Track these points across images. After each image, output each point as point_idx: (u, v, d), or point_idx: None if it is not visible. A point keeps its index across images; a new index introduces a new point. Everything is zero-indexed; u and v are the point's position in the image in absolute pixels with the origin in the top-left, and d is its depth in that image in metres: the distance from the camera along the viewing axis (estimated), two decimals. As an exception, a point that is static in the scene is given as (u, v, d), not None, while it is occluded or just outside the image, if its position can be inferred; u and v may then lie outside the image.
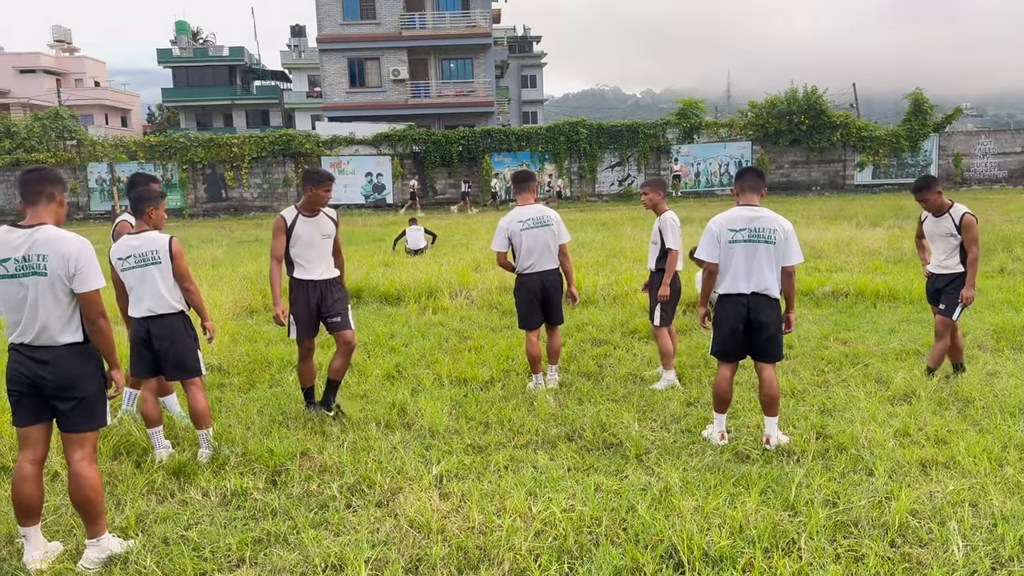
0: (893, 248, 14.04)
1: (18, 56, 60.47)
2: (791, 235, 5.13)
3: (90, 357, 3.80)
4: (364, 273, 12.59)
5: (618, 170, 36.67)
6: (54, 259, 3.63)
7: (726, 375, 5.28)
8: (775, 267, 5.10)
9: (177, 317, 5.18)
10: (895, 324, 8.78)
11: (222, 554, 3.87)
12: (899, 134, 35.38)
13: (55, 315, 3.68)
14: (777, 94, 36.15)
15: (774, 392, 5.14)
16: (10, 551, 4.00)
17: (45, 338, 3.69)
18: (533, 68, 67.57)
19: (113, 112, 63.70)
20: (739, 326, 5.14)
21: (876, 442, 5.07)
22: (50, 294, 3.66)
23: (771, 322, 5.11)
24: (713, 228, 5.23)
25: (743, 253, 5.10)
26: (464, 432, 5.58)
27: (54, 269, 3.63)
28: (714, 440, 5.25)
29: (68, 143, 36.65)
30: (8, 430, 5.39)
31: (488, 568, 3.65)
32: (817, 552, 3.69)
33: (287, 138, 36.21)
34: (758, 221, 5.10)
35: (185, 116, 59.36)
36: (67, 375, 3.71)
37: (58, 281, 3.65)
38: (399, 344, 8.50)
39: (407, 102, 41.62)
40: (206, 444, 5.20)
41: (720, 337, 5.27)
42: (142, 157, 36.07)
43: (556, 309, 6.73)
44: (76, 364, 3.74)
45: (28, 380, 3.71)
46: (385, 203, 36.47)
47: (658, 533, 3.85)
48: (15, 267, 3.63)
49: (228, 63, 59.30)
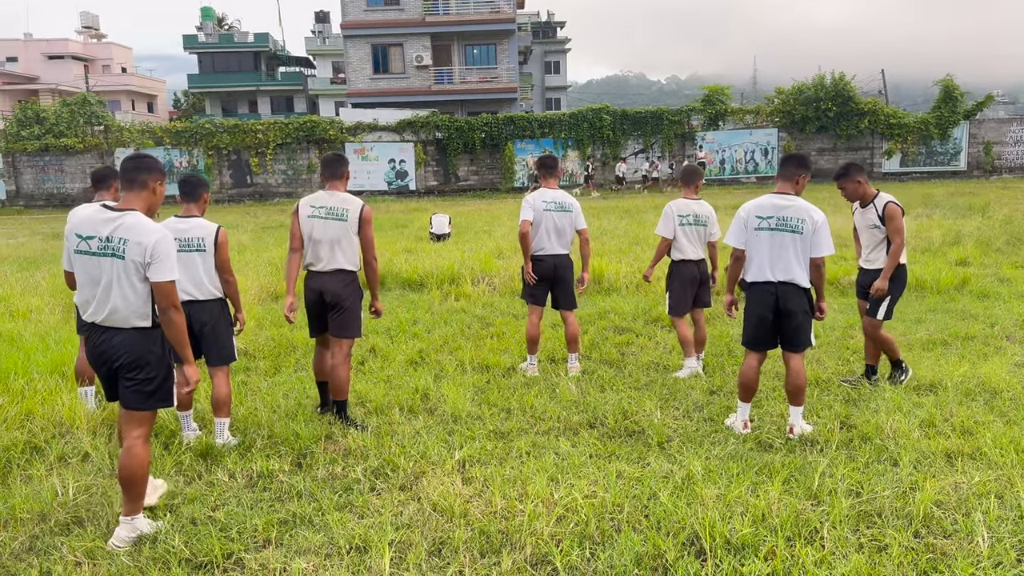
0: (921, 237, 13.86)
1: (47, 42, 61.13)
2: (821, 226, 5.02)
3: (156, 341, 3.91)
4: (387, 259, 12.65)
5: (641, 157, 36.45)
6: (133, 246, 3.75)
7: (753, 364, 5.26)
8: (802, 257, 5.04)
9: (216, 303, 5.20)
10: (922, 314, 8.69)
11: (248, 535, 3.93)
12: (928, 121, 34.81)
13: (126, 300, 3.80)
14: (804, 80, 35.69)
15: (800, 382, 5.11)
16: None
17: (115, 320, 3.83)
18: (557, 54, 67.21)
19: (140, 98, 64.28)
20: (767, 315, 5.11)
21: (901, 432, 5.03)
22: (124, 278, 3.78)
23: (799, 311, 5.06)
24: (741, 214, 5.21)
25: (769, 241, 5.06)
26: (486, 418, 5.61)
27: (131, 255, 3.75)
28: (737, 429, 5.24)
29: (96, 129, 37.07)
30: (38, 411, 5.50)
31: (510, 552, 3.68)
32: (840, 541, 3.69)
33: (311, 124, 36.36)
34: (787, 210, 5.04)
35: (210, 102, 59.76)
36: (132, 356, 3.85)
37: (133, 268, 3.77)
38: (422, 330, 8.54)
39: (430, 88, 41.58)
40: (222, 434, 5.22)
41: (749, 326, 5.24)
42: (168, 143, 36.41)
43: (566, 293, 6.75)
44: (142, 346, 3.86)
45: (103, 358, 3.88)
46: (408, 189, 36.56)
47: (680, 520, 3.86)
48: (98, 246, 3.78)
49: (253, 49, 59.55)
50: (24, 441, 5.12)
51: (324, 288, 5.49)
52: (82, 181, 37.14)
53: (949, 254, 12.19)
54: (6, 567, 3.72)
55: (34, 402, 5.58)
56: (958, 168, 35.03)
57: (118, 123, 37.90)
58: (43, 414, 5.45)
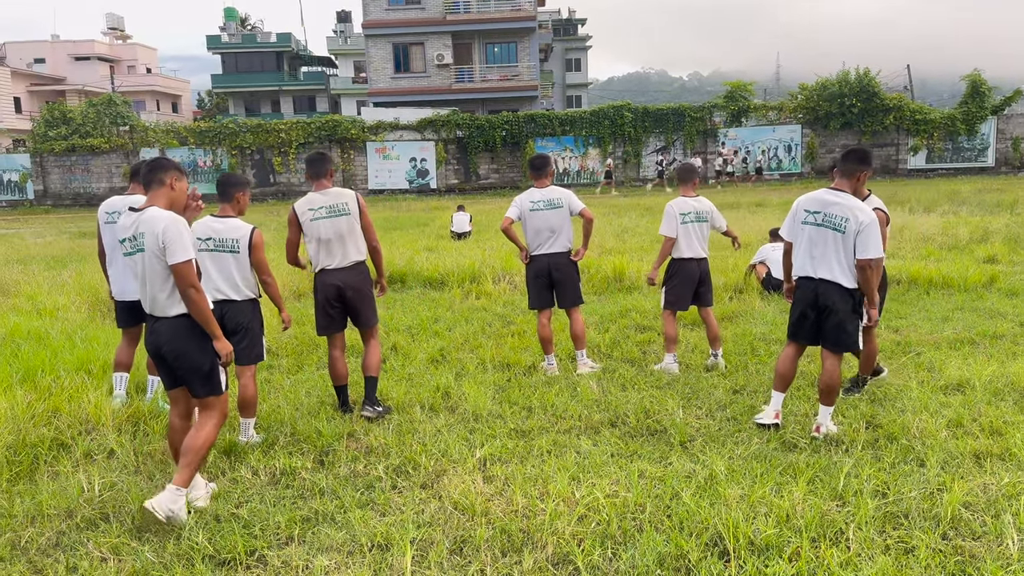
0: (948, 234, 13.67)
1: (74, 44, 61.92)
2: (867, 227, 4.80)
3: (195, 328, 4.09)
4: (408, 258, 12.68)
5: (663, 154, 36.26)
6: (149, 235, 3.99)
7: (789, 353, 5.26)
8: (842, 257, 4.90)
9: (249, 304, 5.19)
10: (949, 312, 8.57)
11: (271, 531, 3.95)
12: (955, 117, 34.32)
13: (159, 287, 4.04)
14: (828, 76, 35.32)
15: (833, 382, 5.02)
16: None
17: (157, 310, 4.09)
18: (577, 51, 67.02)
19: (164, 98, 64.96)
20: (808, 311, 5.06)
21: (928, 432, 4.96)
22: (152, 268, 4.02)
23: (839, 309, 4.94)
24: (794, 207, 5.18)
25: (810, 237, 5.00)
26: (507, 416, 5.61)
27: (150, 245, 3.99)
28: (766, 419, 5.18)
29: (121, 129, 37.54)
30: (65, 408, 5.56)
31: (532, 551, 3.67)
32: (866, 543, 3.64)
33: (333, 123, 36.56)
34: (834, 207, 4.92)
35: (234, 102, 60.26)
36: (176, 346, 4.08)
37: (154, 256, 3.99)
38: (443, 328, 8.55)
39: (451, 87, 41.65)
40: (246, 432, 5.24)
41: (792, 317, 5.24)
42: (192, 143, 36.77)
43: (567, 291, 6.72)
44: (183, 336, 4.07)
45: (155, 348, 4.13)
46: (429, 188, 36.64)
47: (703, 521, 3.83)
48: (130, 246, 4.09)
49: (276, 49, 59.98)
50: (51, 438, 5.18)
51: (345, 283, 5.60)
52: (108, 181, 37.61)
53: (977, 251, 12.01)
54: (34, 562, 3.77)
55: (61, 399, 5.65)
56: (986, 164, 34.52)
57: (143, 123, 38.36)
58: (69, 411, 5.52)
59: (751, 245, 13.39)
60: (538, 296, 6.77)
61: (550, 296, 6.78)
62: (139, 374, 6.43)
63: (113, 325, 8.45)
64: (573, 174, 36.46)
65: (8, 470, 4.73)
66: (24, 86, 55.84)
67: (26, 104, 55.20)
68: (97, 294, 9.97)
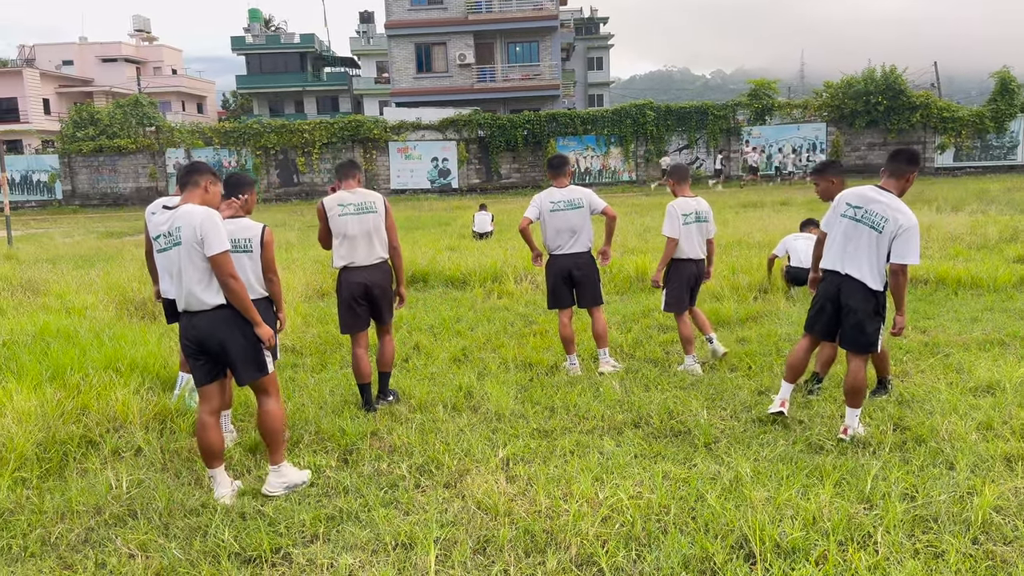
0: (976, 234, 13.46)
1: (101, 46, 62.73)
2: (907, 231, 4.70)
3: (236, 316, 4.25)
4: (430, 257, 12.71)
5: (686, 153, 36.07)
6: (186, 229, 4.14)
7: (804, 345, 5.26)
8: (874, 257, 4.82)
9: (263, 302, 5.20)
10: (978, 312, 8.44)
11: (296, 529, 3.98)
12: (983, 115, 33.80)
13: (194, 279, 4.17)
14: (854, 74, 34.94)
15: (857, 383, 4.94)
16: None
17: (194, 303, 4.21)
18: (599, 50, 66.86)
19: (189, 99, 65.63)
20: (828, 305, 5.03)
21: (957, 435, 4.89)
22: (188, 260, 4.16)
23: (860, 309, 4.87)
24: (837, 198, 5.15)
25: (845, 231, 4.94)
26: (530, 416, 5.60)
27: (187, 238, 4.14)
28: (772, 408, 5.22)
29: (148, 129, 37.98)
30: (93, 405, 5.63)
31: (555, 552, 3.66)
32: (894, 546, 3.59)
33: (356, 124, 36.75)
34: (875, 205, 4.84)
35: (258, 102, 60.77)
36: (222, 335, 4.22)
37: (192, 248, 4.13)
38: (465, 328, 8.56)
39: (473, 87, 41.69)
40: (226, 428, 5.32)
41: (811, 309, 5.24)
42: (217, 143, 37.12)
43: (588, 291, 6.72)
44: (226, 324, 4.22)
45: (196, 343, 4.26)
46: (451, 188, 36.71)
47: (728, 523, 3.80)
48: (165, 242, 4.26)
49: (299, 50, 60.39)
50: (80, 435, 5.25)
51: (371, 280, 5.74)
52: (134, 181, 38.07)
53: (1006, 251, 11.82)
54: (63, 558, 3.82)
55: (89, 397, 5.72)
56: (1015, 162, 33.96)
57: (169, 124, 38.80)
58: (98, 409, 5.58)
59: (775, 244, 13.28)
60: (557, 296, 6.76)
61: (570, 296, 6.77)
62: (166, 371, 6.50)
63: (141, 324, 8.56)
64: (595, 173, 36.36)
65: (38, 466, 4.80)
66: (53, 88, 56.67)
67: (55, 105, 56.02)
68: (125, 293, 10.09)
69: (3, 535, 4.02)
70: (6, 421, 5.08)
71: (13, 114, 53.01)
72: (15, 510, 4.28)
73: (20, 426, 5.05)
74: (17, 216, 30.08)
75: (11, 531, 4.06)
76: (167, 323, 6.13)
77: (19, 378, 6.02)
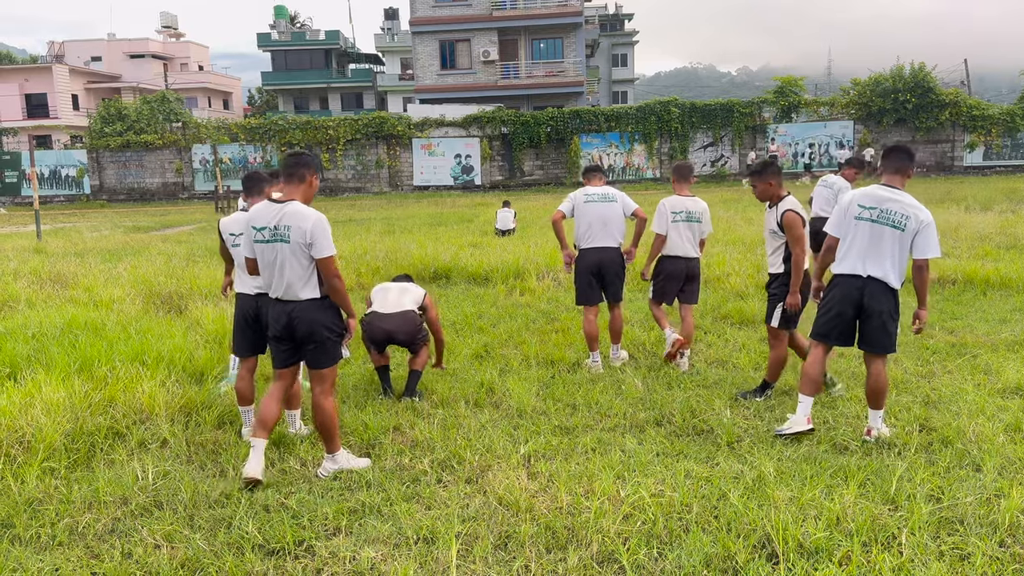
0: (1006, 233, 13.27)
1: (129, 42, 63.43)
2: (927, 226, 4.73)
3: (327, 309, 4.55)
4: (453, 254, 12.74)
5: (711, 150, 35.85)
6: (295, 231, 4.39)
7: (819, 355, 5.08)
8: (897, 256, 4.79)
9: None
10: (1007, 314, 8.32)
11: (319, 522, 4.01)
12: (1014, 113, 33.29)
13: (296, 275, 4.45)
14: (882, 71, 34.54)
15: (881, 385, 4.89)
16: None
17: (290, 293, 4.49)
18: (624, 47, 66.49)
19: (216, 95, 66.20)
20: (848, 310, 4.90)
21: (984, 436, 4.82)
22: (293, 258, 4.43)
23: (884, 310, 4.82)
24: (843, 202, 5.03)
25: (867, 233, 4.84)
26: (551, 413, 5.60)
27: (295, 239, 4.40)
28: (798, 427, 4.99)
29: (174, 125, 38.41)
30: (120, 397, 5.70)
31: (576, 549, 3.66)
32: (919, 548, 3.55)
33: (380, 120, 36.92)
34: (891, 204, 4.80)
35: (283, 99, 61.17)
36: (309, 324, 4.49)
37: (298, 248, 4.41)
38: (487, 324, 8.58)
39: (497, 83, 41.69)
40: (294, 423, 5.39)
41: (824, 318, 5.05)
42: (243, 139, 37.45)
43: (613, 286, 6.79)
44: (315, 315, 4.50)
45: (286, 329, 4.53)
46: (474, 184, 36.76)
47: (751, 522, 3.78)
48: (269, 234, 4.47)
49: (324, 47, 60.68)
50: (107, 427, 5.32)
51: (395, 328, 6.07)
52: (161, 176, 38.51)
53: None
54: (91, 547, 3.88)
55: (116, 389, 5.79)
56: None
57: (195, 120, 39.23)
58: (124, 401, 5.65)
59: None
60: (586, 292, 6.81)
61: (599, 293, 6.81)
62: (192, 365, 6.57)
63: (167, 318, 8.65)
64: (619, 170, 36.23)
65: (66, 457, 4.88)
66: (81, 84, 57.40)
67: (83, 101, 56.75)
68: (151, 287, 10.22)
69: (32, 524, 4.09)
70: (35, 412, 5.16)
71: (43, 110, 53.78)
72: (44, 499, 4.35)
73: (49, 417, 5.13)
74: (46, 210, 30.55)
75: (40, 520, 4.13)
76: (234, 320, 5.69)
77: (48, 370, 6.11)
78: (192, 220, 25.61)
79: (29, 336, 7.33)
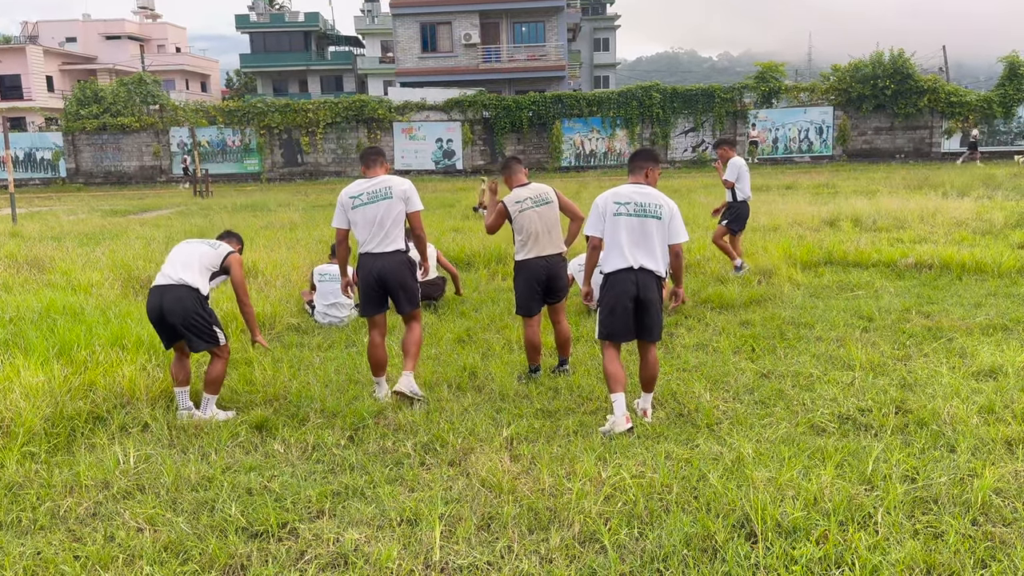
0: (982, 219, 13.43)
1: (105, 23, 62.47)
2: (676, 213, 5.08)
3: (410, 261, 5.58)
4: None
5: (692, 136, 35.94)
6: (396, 188, 5.52)
7: (613, 355, 5.09)
8: (663, 244, 5.04)
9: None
10: (982, 298, 8.44)
11: (303, 505, 4.02)
12: (992, 100, 33.64)
13: (392, 226, 5.47)
14: (861, 58, 34.73)
15: (656, 370, 5.26)
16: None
17: (383, 246, 5.45)
18: (606, 31, 66.38)
19: (193, 77, 65.40)
20: (628, 304, 4.98)
21: (959, 418, 4.91)
22: (395, 210, 5.48)
23: (657, 299, 5.04)
24: (599, 203, 5.12)
25: (630, 227, 4.99)
26: (534, 397, 5.64)
27: (397, 194, 5.50)
28: (619, 427, 4.88)
29: (151, 108, 37.90)
30: (100, 382, 5.67)
31: (558, 529, 3.70)
32: (894, 527, 3.63)
33: (360, 104, 36.65)
34: (642, 197, 5.05)
35: (262, 82, 60.52)
36: (397, 274, 5.47)
37: (400, 201, 5.50)
38: (469, 309, 8.59)
39: (478, 67, 41.46)
40: (207, 409, 5.44)
41: (608, 319, 5.04)
42: (221, 122, 37.05)
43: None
44: (403, 265, 5.52)
45: (378, 277, 5.46)
46: (455, 169, 36.64)
47: (730, 502, 3.84)
48: (367, 198, 5.48)
49: (303, 29, 60.05)
50: (87, 411, 5.29)
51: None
52: (138, 159, 38.05)
53: (1011, 236, 11.80)
54: (73, 531, 3.87)
55: (96, 373, 5.76)
56: (1023, 148, 33.79)
57: (173, 102, 38.70)
58: (105, 385, 5.62)
59: (780, 228, 13.28)
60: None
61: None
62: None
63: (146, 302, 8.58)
64: (600, 155, 36.26)
65: (47, 442, 4.85)
66: (56, 65, 56.49)
67: (58, 83, 55.86)
68: (130, 271, 10.13)
69: (13, 508, 4.08)
70: (14, 396, 5.12)
71: (16, 91, 52.92)
72: (24, 484, 4.33)
73: (28, 401, 5.10)
74: (21, 194, 30.09)
75: (21, 504, 4.12)
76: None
77: (26, 354, 6.06)
78: (170, 204, 25.34)
79: (6, 320, 7.25)
